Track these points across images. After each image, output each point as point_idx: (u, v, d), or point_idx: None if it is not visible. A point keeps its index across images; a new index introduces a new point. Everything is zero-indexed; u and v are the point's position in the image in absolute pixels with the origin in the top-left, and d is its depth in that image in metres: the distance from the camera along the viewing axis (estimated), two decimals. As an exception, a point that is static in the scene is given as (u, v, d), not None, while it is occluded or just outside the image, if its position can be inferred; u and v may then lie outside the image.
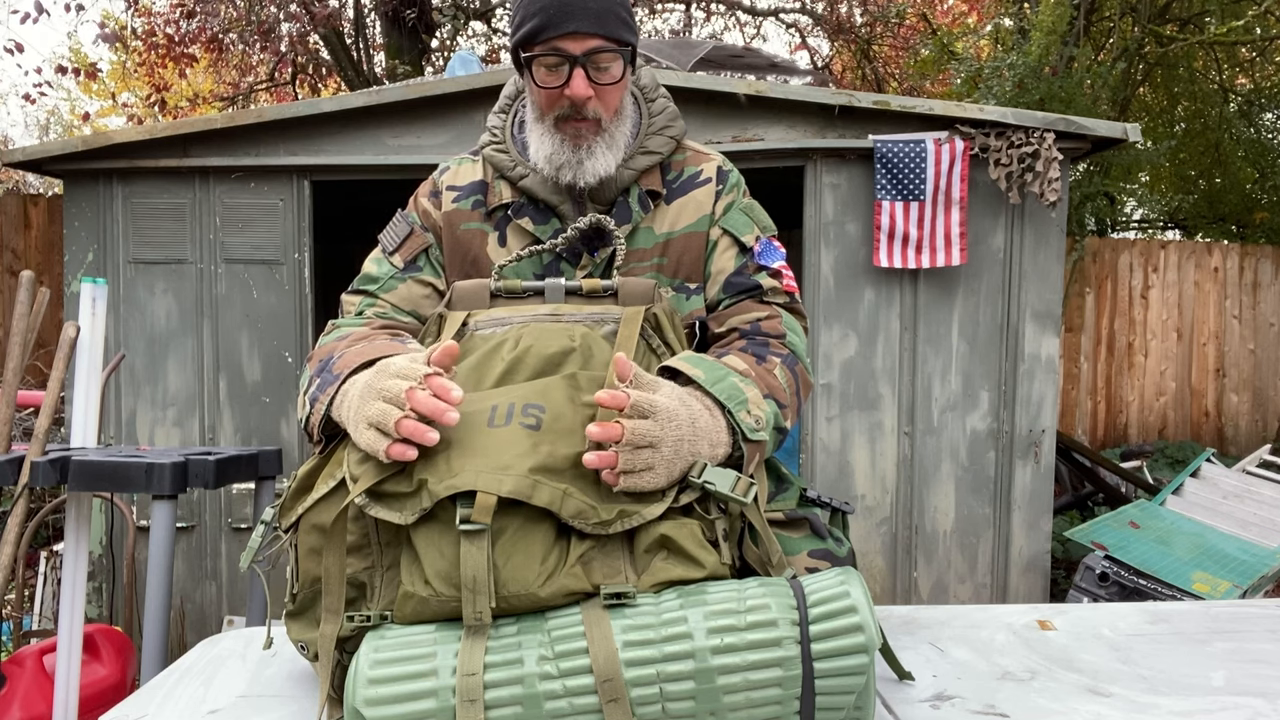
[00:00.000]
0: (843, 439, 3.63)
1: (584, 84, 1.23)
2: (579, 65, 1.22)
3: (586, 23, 1.21)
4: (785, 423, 1.16)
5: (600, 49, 1.22)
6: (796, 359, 1.26)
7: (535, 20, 1.22)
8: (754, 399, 1.09)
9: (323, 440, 1.08)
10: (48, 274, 5.59)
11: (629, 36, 1.26)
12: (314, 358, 1.18)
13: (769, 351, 1.24)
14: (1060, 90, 5.87)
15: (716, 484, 0.96)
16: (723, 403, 1.05)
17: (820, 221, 3.58)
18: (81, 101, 14.45)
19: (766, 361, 1.21)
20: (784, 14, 9.70)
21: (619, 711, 0.83)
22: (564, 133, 1.28)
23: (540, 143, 1.30)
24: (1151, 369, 6.85)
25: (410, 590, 0.90)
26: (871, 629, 0.87)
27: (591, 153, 1.28)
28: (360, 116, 3.52)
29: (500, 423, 0.96)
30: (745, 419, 1.05)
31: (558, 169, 1.29)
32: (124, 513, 3.22)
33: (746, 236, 1.34)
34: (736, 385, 1.08)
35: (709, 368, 1.09)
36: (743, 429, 1.04)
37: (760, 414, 1.08)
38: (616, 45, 1.24)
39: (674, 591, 0.91)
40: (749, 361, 1.19)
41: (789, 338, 1.28)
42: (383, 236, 1.38)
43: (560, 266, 1.31)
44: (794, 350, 1.27)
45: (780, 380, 1.18)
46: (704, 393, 1.05)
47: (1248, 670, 1.16)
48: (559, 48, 1.22)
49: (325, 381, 1.08)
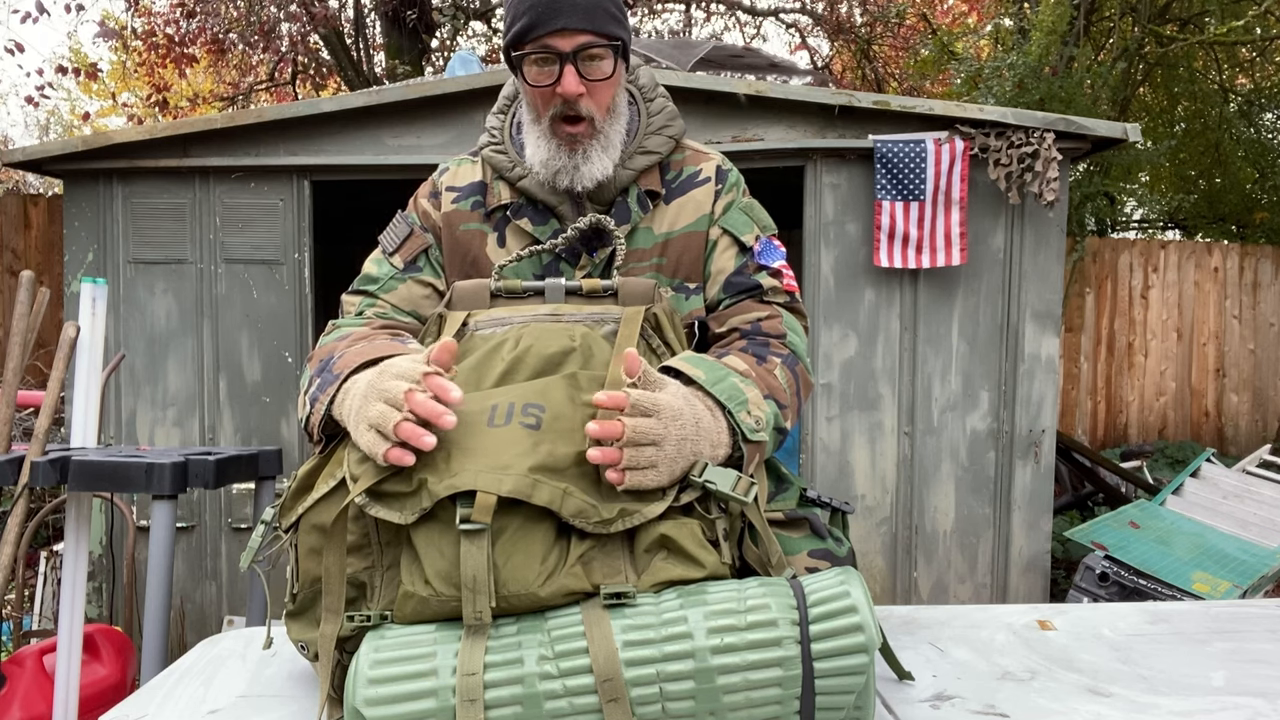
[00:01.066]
0: (843, 439, 3.63)
1: (575, 80, 1.23)
2: (569, 62, 1.22)
3: (575, 19, 1.21)
4: (785, 423, 1.16)
5: (590, 45, 1.22)
6: (797, 359, 1.26)
7: (525, 19, 1.22)
8: (754, 400, 1.09)
9: (323, 440, 1.08)
10: (48, 274, 5.59)
11: (619, 32, 1.25)
12: (314, 358, 1.18)
13: (769, 352, 1.23)
14: (1060, 90, 5.87)
15: (717, 483, 0.96)
16: (723, 403, 1.05)
17: (820, 221, 3.58)
18: (81, 101, 14.45)
19: (767, 362, 1.20)
20: (784, 14, 9.70)
21: (619, 711, 0.83)
22: (559, 137, 1.27)
23: (536, 147, 1.29)
24: (1151, 369, 6.85)
25: (410, 590, 0.90)
26: (871, 629, 0.87)
27: (588, 158, 1.28)
28: (360, 116, 3.52)
29: (500, 422, 0.96)
30: (745, 419, 1.05)
31: (554, 174, 1.29)
32: (124, 513, 3.22)
33: (746, 236, 1.34)
34: (737, 386, 1.08)
35: (709, 368, 1.09)
36: (743, 429, 1.04)
37: (760, 414, 1.08)
38: (606, 40, 1.23)
39: (674, 591, 0.91)
40: (749, 362, 1.18)
41: (789, 337, 1.28)
42: (383, 237, 1.38)
43: (559, 267, 1.31)
44: (794, 350, 1.26)
45: (780, 381, 1.18)
46: (705, 393, 1.05)
47: (1248, 670, 1.16)
48: (548, 45, 1.22)
49: (325, 381, 1.08)
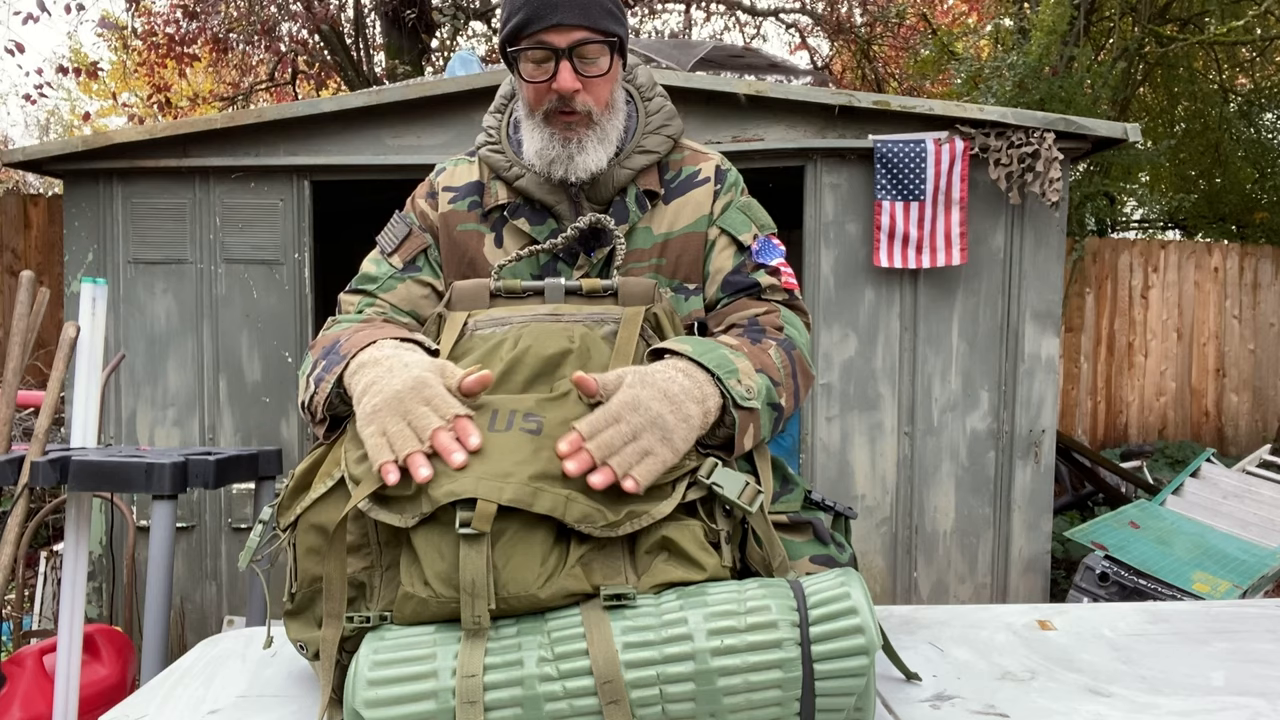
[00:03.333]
0: (843, 439, 3.63)
1: (570, 76, 1.22)
2: (565, 58, 1.22)
3: (571, 15, 1.20)
4: (779, 399, 1.13)
5: (586, 40, 1.22)
6: (794, 344, 1.24)
7: (520, 15, 1.22)
8: (745, 370, 1.08)
9: (326, 420, 1.07)
10: (48, 274, 5.59)
11: (615, 28, 1.25)
12: (316, 345, 1.18)
13: (765, 336, 1.23)
14: (1060, 90, 5.87)
15: (724, 488, 0.96)
16: (712, 370, 1.04)
17: (820, 221, 3.58)
18: (82, 101, 14.45)
19: (761, 343, 1.20)
20: (784, 14, 9.70)
21: (619, 713, 0.83)
22: (554, 126, 1.27)
23: (531, 138, 1.29)
24: (1151, 369, 6.85)
25: (410, 591, 0.89)
26: (872, 630, 0.87)
27: (582, 147, 1.27)
28: (360, 116, 3.52)
29: (501, 427, 0.96)
30: (736, 387, 1.04)
31: (549, 164, 1.28)
32: (124, 513, 3.22)
33: (744, 235, 1.33)
34: (726, 356, 1.07)
35: (698, 343, 1.08)
36: (733, 395, 1.03)
37: (751, 384, 1.07)
38: (602, 36, 1.23)
39: (674, 592, 0.91)
40: (743, 342, 1.18)
41: (787, 330, 1.27)
42: (381, 238, 1.38)
43: (557, 267, 1.31)
44: (792, 339, 1.25)
45: (774, 359, 1.17)
46: (693, 362, 1.04)
47: (1248, 670, 1.16)
48: (544, 41, 1.22)
49: (332, 362, 1.08)
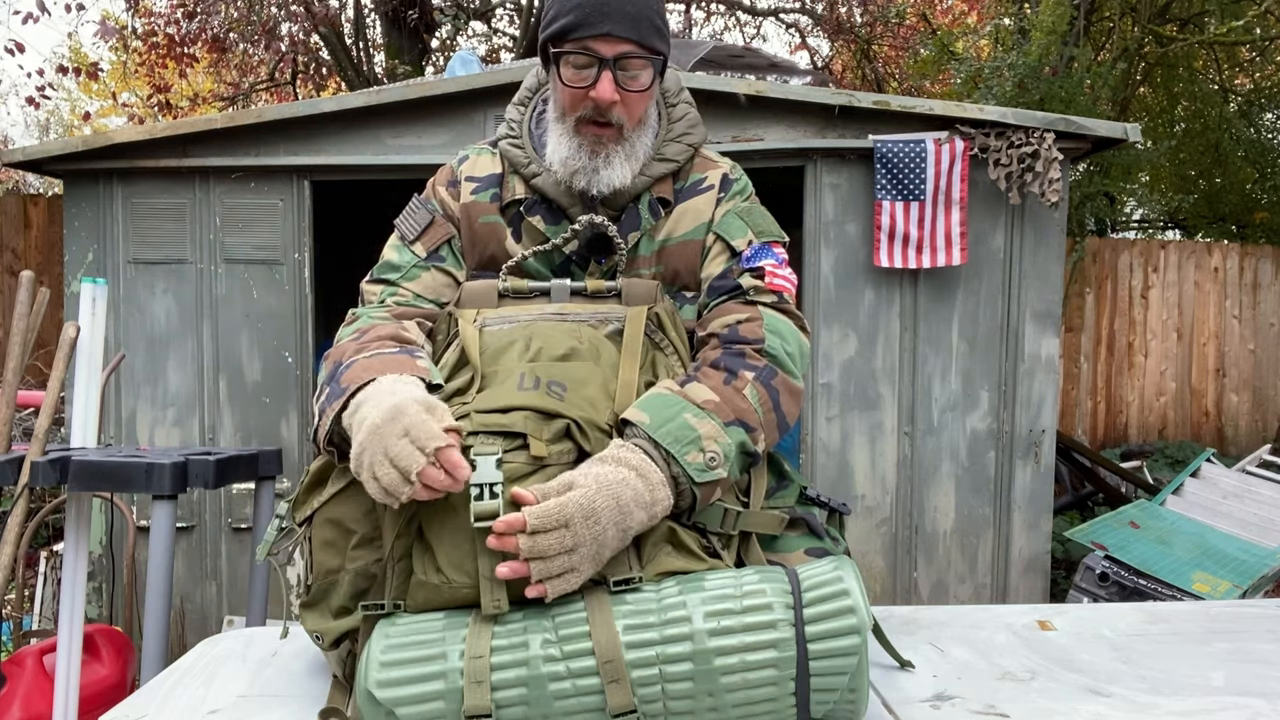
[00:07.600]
0: (843, 439, 3.63)
1: (611, 88, 1.21)
2: (608, 68, 1.20)
3: (621, 26, 1.19)
4: (755, 447, 1.10)
5: (631, 54, 1.20)
6: (775, 369, 1.17)
7: (570, 17, 1.20)
8: (709, 433, 1.04)
9: (333, 451, 1.07)
10: (48, 274, 5.59)
11: (661, 46, 1.23)
12: (329, 357, 1.18)
13: (743, 364, 1.16)
14: (1060, 90, 5.87)
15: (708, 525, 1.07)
16: (667, 448, 1.01)
17: (820, 221, 3.58)
18: (82, 101, 14.44)
19: (737, 379, 1.13)
20: (784, 14, 9.70)
21: (620, 691, 0.87)
22: (583, 136, 1.25)
23: (558, 144, 1.27)
24: (1151, 369, 6.84)
25: (423, 578, 0.94)
26: (863, 611, 0.91)
27: (609, 162, 1.25)
28: (360, 116, 3.52)
29: (529, 386, 1.03)
30: (695, 459, 1.02)
31: (572, 174, 1.26)
32: (124, 513, 3.22)
33: (738, 240, 1.29)
34: (687, 423, 1.04)
35: (660, 408, 1.05)
36: (690, 473, 1.01)
37: (716, 450, 1.04)
38: (648, 53, 1.22)
39: (674, 580, 0.96)
40: (716, 384, 1.12)
41: (769, 342, 1.19)
42: (400, 223, 1.34)
43: (571, 269, 1.30)
44: (773, 357, 1.18)
45: (751, 401, 1.12)
46: (648, 441, 1.01)
47: (1248, 670, 1.16)
48: (590, 48, 1.20)
49: (333, 394, 1.07)
